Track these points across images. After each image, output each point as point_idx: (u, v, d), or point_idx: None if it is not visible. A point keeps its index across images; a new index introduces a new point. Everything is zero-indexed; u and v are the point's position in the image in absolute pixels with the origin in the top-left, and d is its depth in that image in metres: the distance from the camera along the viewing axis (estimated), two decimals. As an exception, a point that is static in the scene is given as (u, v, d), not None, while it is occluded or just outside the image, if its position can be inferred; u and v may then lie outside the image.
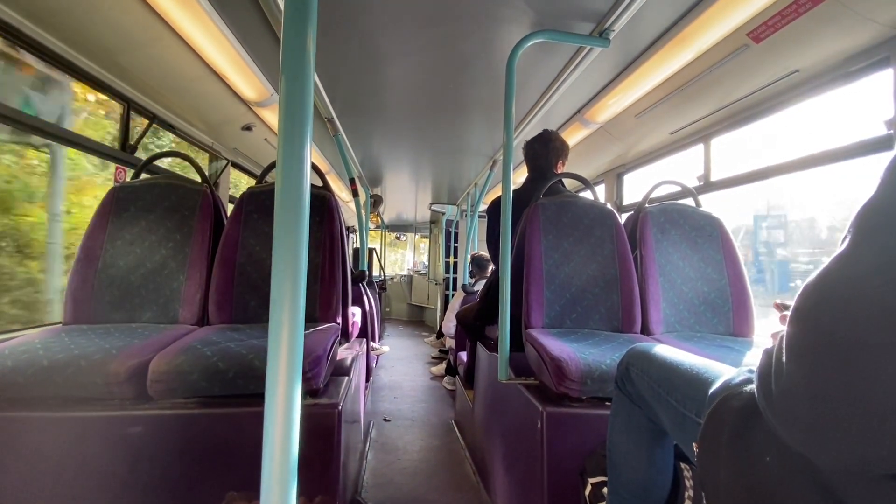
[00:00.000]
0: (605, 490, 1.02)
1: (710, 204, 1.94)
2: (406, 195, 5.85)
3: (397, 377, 3.94)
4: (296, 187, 0.60)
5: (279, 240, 0.60)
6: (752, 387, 0.56)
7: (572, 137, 2.63)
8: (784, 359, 0.47)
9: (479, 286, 3.72)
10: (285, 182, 0.60)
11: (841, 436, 0.41)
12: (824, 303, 0.44)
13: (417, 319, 8.16)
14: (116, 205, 1.61)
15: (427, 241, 8.60)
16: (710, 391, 0.67)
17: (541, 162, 1.99)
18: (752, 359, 1.31)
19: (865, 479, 0.42)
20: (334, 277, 1.62)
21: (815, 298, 0.45)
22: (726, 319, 1.68)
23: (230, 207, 1.91)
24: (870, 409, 0.39)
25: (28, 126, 1.45)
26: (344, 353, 1.77)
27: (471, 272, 4.16)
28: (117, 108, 1.88)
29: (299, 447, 0.59)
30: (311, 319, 1.58)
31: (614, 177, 2.98)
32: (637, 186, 2.90)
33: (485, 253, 4.18)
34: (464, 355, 2.89)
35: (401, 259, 11.47)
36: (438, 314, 6.24)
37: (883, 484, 0.41)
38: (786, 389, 0.46)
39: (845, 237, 0.44)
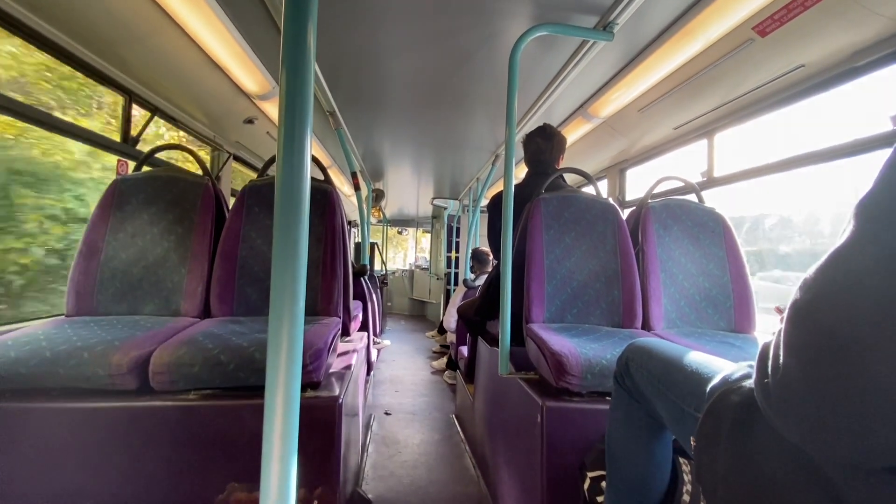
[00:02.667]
0: (603, 484, 1.03)
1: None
2: (408, 189, 5.84)
3: (398, 371, 3.95)
4: (296, 180, 0.60)
5: (279, 233, 0.60)
6: (751, 382, 0.56)
7: (575, 132, 2.62)
8: (781, 353, 0.47)
9: (480, 281, 3.72)
10: (286, 175, 0.60)
11: (838, 429, 0.41)
12: (823, 298, 0.44)
13: (419, 314, 8.17)
14: (118, 197, 1.62)
15: (429, 235, 8.60)
16: (709, 386, 0.67)
17: (545, 157, 1.98)
18: (753, 355, 1.31)
19: (863, 472, 0.42)
20: (335, 271, 1.62)
21: (813, 293, 0.45)
22: (728, 315, 1.67)
23: (232, 201, 1.91)
24: (868, 404, 0.39)
25: (28, 117, 1.45)
26: (345, 346, 1.77)
27: (472, 267, 4.16)
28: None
29: (300, 439, 0.60)
30: (312, 313, 1.58)
31: (617, 172, 2.97)
32: (640, 182, 2.89)
33: (486, 248, 4.19)
34: (465, 350, 2.90)
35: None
36: (440, 308, 6.25)
37: (880, 477, 0.41)
38: (783, 383, 0.46)
39: (844, 230, 0.43)
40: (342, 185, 4.66)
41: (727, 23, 1.42)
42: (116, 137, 1.87)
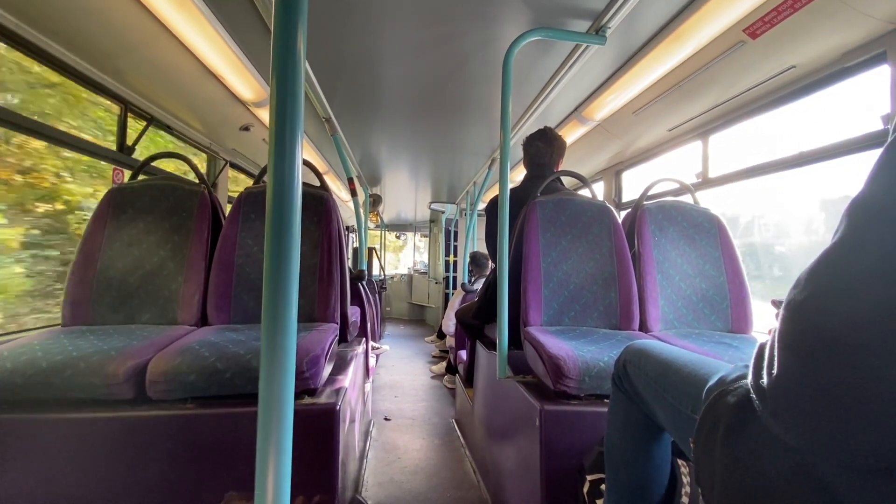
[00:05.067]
0: (603, 487, 1.03)
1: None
2: (405, 194, 5.85)
3: (398, 376, 3.94)
4: (288, 186, 0.60)
5: (272, 239, 0.60)
6: (747, 382, 0.56)
7: (570, 135, 2.63)
8: (776, 353, 0.47)
9: (479, 285, 3.72)
10: (277, 181, 0.60)
11: (834, 430, 0.41)
12: (817, 298, 0.44)
13: (418, 318, 8.16)
14: (114, 206, 1.61)
15: (427, 239, 8.61)
16: (706, 387, 0.67)
17: (544, 160, 1.98)
18: (751, 355, 1.31)
19: (859, 472, 0.42)
20: (332, 277, 1.62)
21: (807, 293, 0.45)
22: (725, 316, 1.68)
23: (229, 208, 1.91)
24: (865, 405, 0.39)
25: (25, 128, 1.45)
26: (343, 352, 1.77)
27: (470, 270, 4.16)
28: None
29: (297, 446, 0.60)
30: (310, 319, 1.58)
31: (612, 174, 2.98)
32: (635, 184, 2.90)
33: (484, 251, 4.19)
34: (464, 354, 2.90)
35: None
36: (440, 313, 6.24)
37: (876, 476, 0.41)
38: (778, 384, 0.46)
39: (837, 229, 0.44)
40: (339, 190, 4.66)
41: (718, 26, 1.44)
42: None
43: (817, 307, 0.44)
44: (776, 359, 0.47)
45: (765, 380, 0.48)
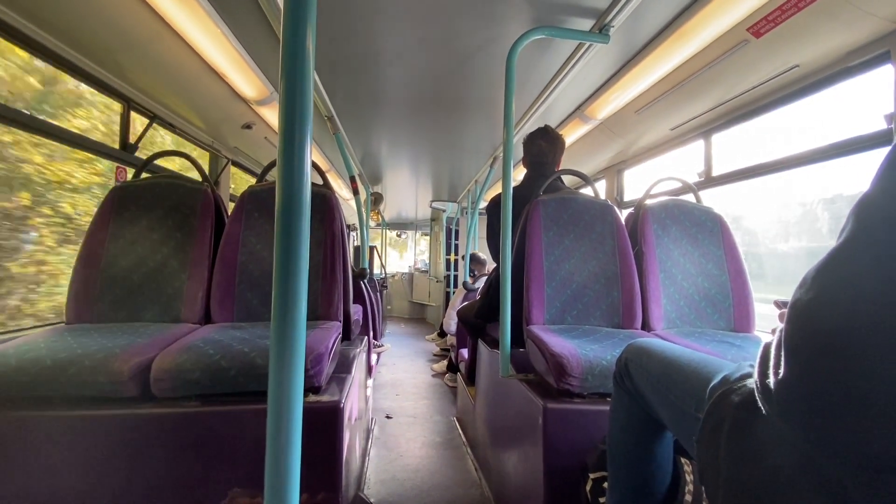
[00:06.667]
0: (605, 485, 1.03)
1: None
2: (407, 193, 5.85)
3: (399, 374, 3.95)
4: (297, 186, 0.61)
5: (281, 238, 0.60)
6: (752, 381, 0.56)
7: (572, 134, 2.63)
8: (782, 353, 0.47)
9: (479, 283, 3.72)
10: (286, 181, 0.60)
11: (842, 430, 0.41)
12: (823, 298, 0.44)
13: (419, 317, 8.17)
14: (118, 204, 1.62)
15: (428, 238, 8.61)
16: (710, 386, 0.67)
17: (546, 159, 1.99)
18: (753, 354, 1.31)
19: (869, 471, 0.42)
20: (335, 275, 1.62)
21: (813, 293, 0.45)
22: (727, 315, 1.68)
23: (231, 206, 1.91)
24: (871, 406, 0.39)
25: (28, 126, 1.45)
26: (346, 350, 1.77)
27: (471, 270, 4.17)
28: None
29: (301, 444, 0.60)
30: (312, 317, 1.58)
31: (615, 173, 2.98)
32: (638, 183, 2.90)
33: (480, 253, 4.24)
34: (465, 352, 2.90)
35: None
36: (441, 311, 6.25)
37: (887, 475, 0.41)
38: (784, 384, 0.46)
39: (843, 229, 0.44)
40: (341, 189, 4.66)
41: (721, 24, 1.44)
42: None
43: (824, 308, 0.44)
44: (782, 359, 0.47)
45: (771, 380, 0.48)
